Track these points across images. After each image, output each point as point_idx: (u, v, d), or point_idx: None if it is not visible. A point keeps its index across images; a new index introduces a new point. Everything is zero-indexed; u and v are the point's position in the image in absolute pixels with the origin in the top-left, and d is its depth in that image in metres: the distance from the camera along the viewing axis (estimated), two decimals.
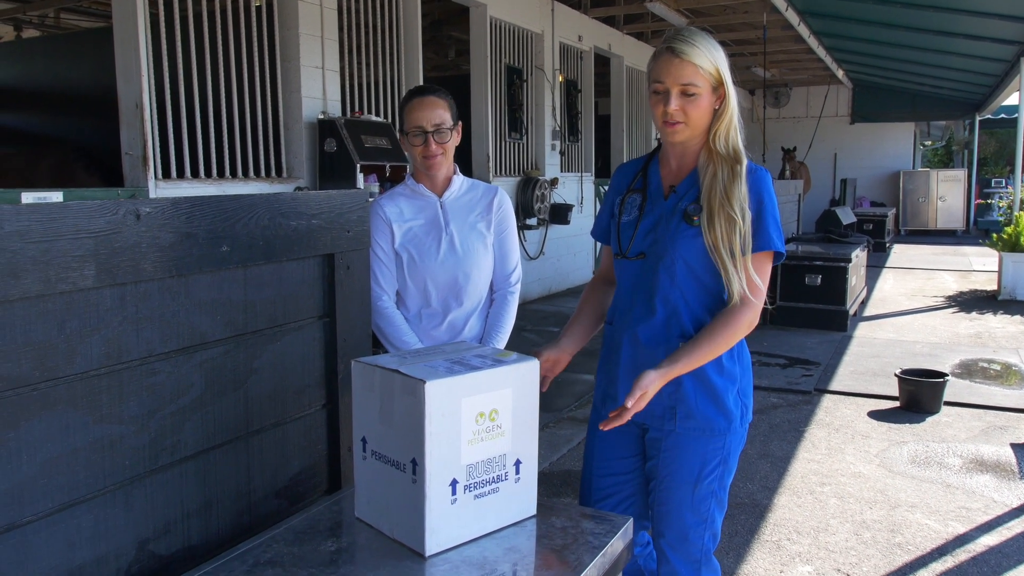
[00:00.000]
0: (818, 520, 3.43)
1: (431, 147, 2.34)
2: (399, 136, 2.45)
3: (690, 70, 1.80)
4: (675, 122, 1.84)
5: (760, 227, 1.85)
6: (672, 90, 1.82)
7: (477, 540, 1.47)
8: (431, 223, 2.41)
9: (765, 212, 1.87)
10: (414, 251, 2.39)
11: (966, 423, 4.72)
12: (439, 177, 2.43)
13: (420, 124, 2.33)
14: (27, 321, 1.23)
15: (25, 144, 7.02)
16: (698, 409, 1.89)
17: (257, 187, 5.54)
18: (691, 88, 1.81)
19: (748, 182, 1.87)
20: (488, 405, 1.45)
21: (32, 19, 9.17)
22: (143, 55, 4.78)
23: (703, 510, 1.92)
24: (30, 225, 1.21)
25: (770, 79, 16.42)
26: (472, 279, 2.43)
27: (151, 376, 1.43)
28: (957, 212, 18.12)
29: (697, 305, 1.89)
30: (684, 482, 1.91)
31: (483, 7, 8.08)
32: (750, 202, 1.85)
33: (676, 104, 1.82)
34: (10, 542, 1.23)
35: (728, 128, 1.88)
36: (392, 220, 2.39)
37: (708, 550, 1.96)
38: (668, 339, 1.89)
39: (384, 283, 2.40)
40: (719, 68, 1.84)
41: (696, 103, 1.82)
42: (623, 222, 1.99)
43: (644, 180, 1.99)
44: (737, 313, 1.83)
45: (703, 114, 1.85)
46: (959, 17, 8.93)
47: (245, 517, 1.65)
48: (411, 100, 2.37)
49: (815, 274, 7.40)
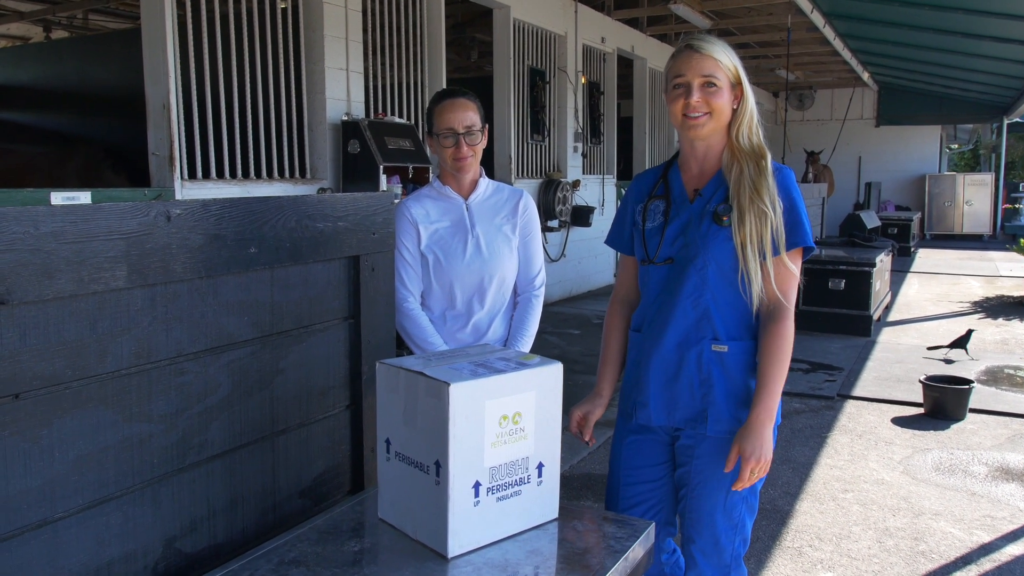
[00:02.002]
0: (840, 527, 3.40)
1: (462, 149, 2.34)
2: (427, 138, 2.45)
3: (711, 63, 1.84)
4: (698, 114, 1.85)
5: (794, 223, 1.86)
6: (694, 83, 1.84)
7: (499, 543, 1.48)
8: (457, 225, 2.41)
9: (796, 207, 1.87)
10: (440, 253, 2.39)
11: (992, 431, 4.66)
12: (466, 179, 2.43)
13: (451, 126, 2.32)
14: (60, 320, 1.25)
15: (54, 144, 7.13)
16: (729, 413, 1.88)
17: (281, 188, 5.58)
18: (712, 79, 1.84)
19: (776, 179, 1.87)
20: (511, 408, 1.46)
21: (61, 20, 9.31)
22: (170, 56, 4.83)
23: (735, 516, 1.91)
24: (64, 226, 1.23)
25: (794, 81, 16.31)
26: (497, 281, 2.43)
27: (180, 376, 1.45)
28: (984, 216, 17.89)
29: (727, 307, 1.88)
30: (717, 488, 1.90)
31: (507, 9, 8.09)
32: (780, 197, 1.85)
33: (699, 95, 1.84)
34: (42, 538, 1.25)
35: (750, 124, 1.90)
36: (418, 221, 2.40)
37: (738, 555, 1.95)
38: (700, 341, 1.89)
39: (410, 284, 2.41)
40: (736, 66, 1.88)
41: (718, 95, 1.85)
42: (648, 228, 1.98)
43: (666, 186, 1.99)
44: (782, 325, 1.86)
45: (724, 107, 1.87)
46: (986, 19, 8.82)
47: (270, 516, 1.66)
48: (441, 102, 2.36)
49: (839, 278, 7.34)
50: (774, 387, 1.83)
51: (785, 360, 1.84)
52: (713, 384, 1.87)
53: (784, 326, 1.86)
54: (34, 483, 1.24)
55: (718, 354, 1.88)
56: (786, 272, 1.87)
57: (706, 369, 1.89)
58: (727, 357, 1.88)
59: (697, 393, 1.88)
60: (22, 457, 1.22)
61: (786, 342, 1.85)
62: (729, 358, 1.88)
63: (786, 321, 1.86)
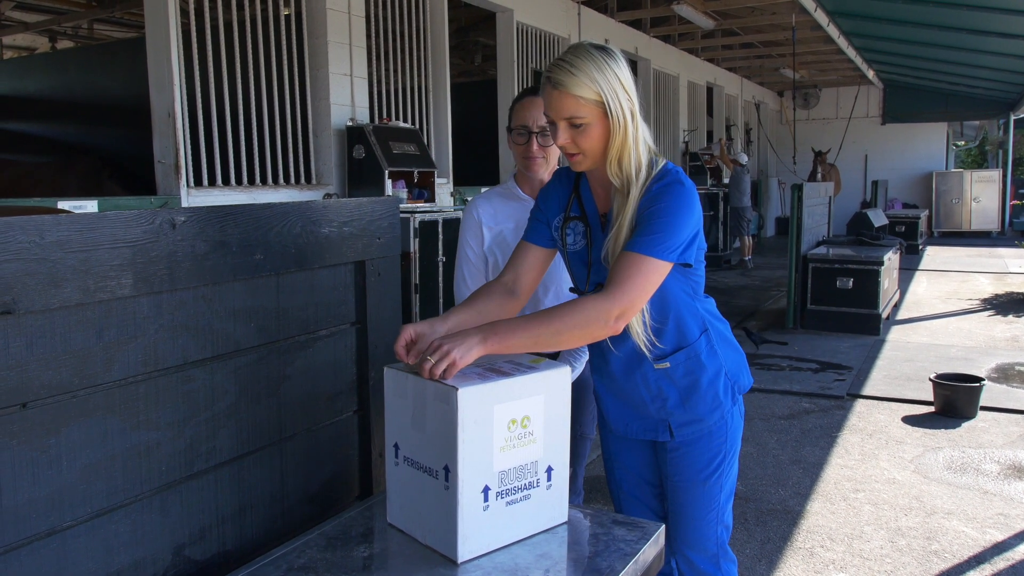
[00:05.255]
0: (852, 527, 3.38)
1: (533, 147, 2.26)
2: (507, 135, 2.33)
3: (570, 102, 1.67)
4: (571, 154, 1.75)
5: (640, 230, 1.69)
6: (559, 123, 1.70)
7: (509, 547, 1.47)
8: (521, 228, 2.25)
9: (649, 216, 1.69)
10: (500, 256, 2.31)
11: (1003, 428, 4.63)
12: (537, 180, 2.32)
13: (526, 123, 2.25)
14: (67, 329, 1.25)
15: (59, 153, 7.16)
16: (689, 415, 1.87)
17: (287, 194, 5.59)
18: (576, 120, 1.68)
19: (648, 194, 1.71)
20: (520, 412, 1.45)
21: (66, 30, 9.36)
22: (175, 65, 4.84)
23: (713, 506, 1.93)
24: (70, 235, 1.23)
25: (799, 80, 16.27)
26: (553, 292, 2.31)
27: (187, 383, 1.45)
28: (992, 213, 17.80)
29: (659, 326, 1.83)
30: (692, 483, 1.92)
31: (510, 12, 8.10)
32: (641, 210, 1.71)
33: (565, 137, 1.70)
34: (51, 547, 1.25)
35: (621, 154, 1.71)
36: (484, 221, 2.33)
37: (723, 542, 1.97)
38: (641, 363, 1.84)
39: (471, 284, 2.33)
40: (603, 93, 1.66)
41: (587, 133, 1.69)
42: (572, 252, 1.88)
43: (580, 205, 1.88)
44: (589, 298, 1.63)
45: (598, 143, 1.71)
46: (992, 15, 8.79)
47: (278, 522, 1.66)
48: (522, 99, 2.29)
49: (847, 277, 7.30)
50: (524, 329, 1.55)
51: (558, 323, 1.57)
52: (667, 397, 1.86)
53: (589, 301, 1.62)
54: (42, 492, 1.23)
55: (663, 370, 1.85)
56: (630, 259, 1.66)
57: (655, 387, 1.87)
58: (672, 371, 1.85)
59: (651, 408, 1.88)
60: (30, 466, 1.22)
61: (576, 311, 1.60)
62: (674, 371, 1.85)
63: (597, 301, 1.61)
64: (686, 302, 1.84)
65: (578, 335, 1.62)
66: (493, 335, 1.51)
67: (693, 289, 1.85)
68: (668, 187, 1.71)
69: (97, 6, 8.30)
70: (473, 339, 1.48)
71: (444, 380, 1.40)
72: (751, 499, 3.68)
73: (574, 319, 1.58)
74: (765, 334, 7.24)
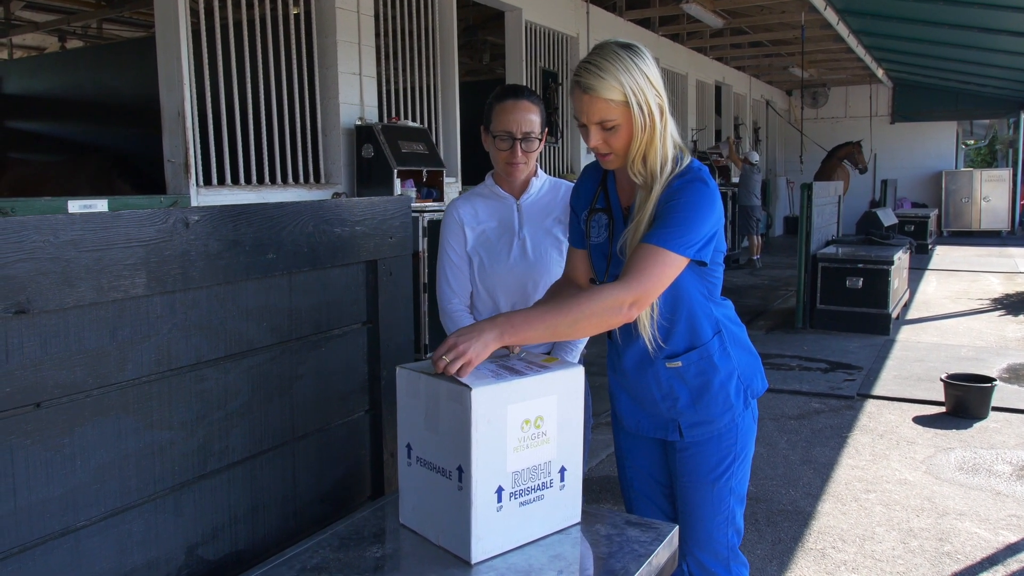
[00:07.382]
0: (864, 528, 3.37)
1: (516, 155, 2.22)
2: (483, 132, 2.30)
3: (600, 106, 1.68)
4: (603, 154, 1.77)
5: (658, 223, 1.70)
6: (590, 127, 1.72)
7: (522, 547, 1.47)
8: (504, 226, 2.31)
9: (668, 210, 1.70)
10: (484, 255, 2.30)
11: (1015, 429, 4.60)
12: (517, 180, 2.31)
13: (509, 129, 2.20)
14: (80, 328, 1.25)
15: (69, 152, 7.18)
16: (700, 415, 1.87)
17: (295, 193, 5.59)
18: (607, 123, 1.70)
19: (669, 189, 1.73)
20: (534, 412, 1.45)
21: (76, 30, 9.39)
22: (185, 64, 4.85)
23: (722, 508, 1.92)
24: (84, 234, 1.23)
25: (808, 79, 16.21)
26: (541, 288, 2.27)
27: (200, 383, 1.45)
28: (1002, 212, 17.70)
29: (672, 325, 1.83)
30: (701, 484, 1.91)
31: (518, 11, 8.09)
32: (661, 204, 1.72)
33: (597, 139, 1.73)
34: (65, 546, 1.25)
35: (646, 151, 1.72)
36: (465, 222, 2.31)
37: (733, 545, 1.96)
38: (654, 361, 1.85)
39: (455, 286, 2.33)
40: (630, 94, 1.67)
41: (618, 134, 1.72)
42: (594, 244, 1.91)
43: (606, 197, 1.90)
44: (604, 288, 1.63)
45: (628, 142, 1.74)
46: (1003, 13, 8.74)
47: (291, 522, 1.66)
48: (504, 100, 2.22)
49: (856, 277, 7.27)
50: (540, 320, 1.56)
51: (575, 311, 1.57)
52: (677, 397, 1.86)
53: (604, 289, 1.63)
54: (56, 492, 1.23)
55: (675, 369, 1.85)
56: (646, 250, 1.67)
57: (666, 385, 1.87)
58: (683, 370, 1.85)
59: (662, 407, 1.87)
60: (44, 466, 1.22)
61: (591, 299, 1.60)
62: (686, 371, 1.85)
63: (611, 289, 1.62)
64: (700, 303, 1.83)
65: (595, 323, 1.61)
66: (510, 328, 1.51)
67: (709, 291, 1.84)
68: (690, 183, 1.72)
69: (107, 6, 8.33)
70: (489, 335, 1.47)
71: (458, 378, 1.40)
72: (762, 499, 3.66)
73: (590, 307, 1.59)
74: (774, 334, 7.21)
